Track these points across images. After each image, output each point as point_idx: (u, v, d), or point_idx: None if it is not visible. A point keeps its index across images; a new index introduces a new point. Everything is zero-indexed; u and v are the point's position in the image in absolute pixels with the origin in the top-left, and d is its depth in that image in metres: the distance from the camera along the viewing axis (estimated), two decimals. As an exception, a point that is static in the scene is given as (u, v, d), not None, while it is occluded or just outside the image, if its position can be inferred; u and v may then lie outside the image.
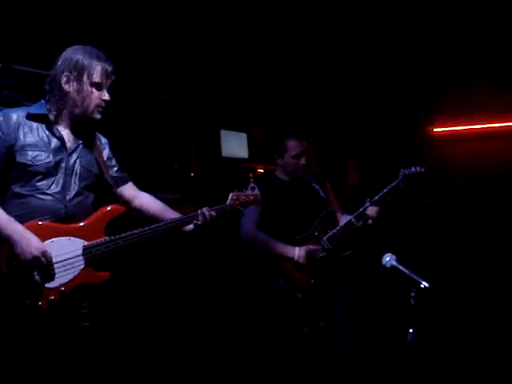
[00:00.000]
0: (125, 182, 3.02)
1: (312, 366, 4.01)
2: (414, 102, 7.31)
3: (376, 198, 3.79)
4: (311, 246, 3.71)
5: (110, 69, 2.71)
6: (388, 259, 3.01)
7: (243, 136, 6.50)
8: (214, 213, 3.00)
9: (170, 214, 2.97)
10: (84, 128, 2.78)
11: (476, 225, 6.22)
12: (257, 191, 3.28)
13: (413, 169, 3.83)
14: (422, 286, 2.73)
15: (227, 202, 3.13)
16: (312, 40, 6.38)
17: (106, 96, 2.71)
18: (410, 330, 2.79)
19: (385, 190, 3.79)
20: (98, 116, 2.73)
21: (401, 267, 2.89)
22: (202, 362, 4.74)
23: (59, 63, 2.68)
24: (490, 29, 6.09)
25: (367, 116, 7.50)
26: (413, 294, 2.81)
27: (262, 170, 6.24)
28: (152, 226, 2.82)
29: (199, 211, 2.96)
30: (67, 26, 4.76)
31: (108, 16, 5.07)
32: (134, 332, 4.78)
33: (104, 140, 2.97)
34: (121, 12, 5.15)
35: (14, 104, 4.15)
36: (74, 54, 2.68)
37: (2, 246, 2.49)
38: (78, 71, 2.63)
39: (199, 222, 2.94)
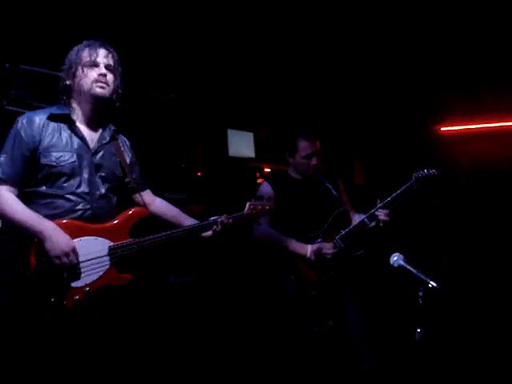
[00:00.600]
0: (143, 189, 3.07)
1: (322, 366, 4.00)
2: (421, 102, 7.30)
3: (388, 199, 3.75)
4: (324, 244, 3.70)
5: (99, 43, 2.77)
6: (396, 259, 3.01)
7: (250, 135, 6.50)
8: (231, 221, 3.07)
9: (184, 219, 3.05)
10: (106, 126, 2.84)
11: (483, 224, 6.21)
12: (272, 202, 3.44)
13: (426, 171, 3.78)
14: (430, 285, 2.73)
15: (244, 211, 3.21)
16: (319, 39, 6.37)
17: (101, 70, 2.72)
18: (418, 330, 2.80)
19: (397, 192, 3.75)
20: (99, 90, 2.71)
21: (408, 267, 2.88)
22: (208, 360, 4.75)
23: (65, 61, 2.77)
24: (496, 30, 6.07)
25: (374, 116, 7.49)
26: (421, 294, 2.80)
27: (268, 170, 6.24)
28: (174, 231, 2.89)
29: (219, 219, 3.02)
30: (74, 26, 4.77)
31: (115, 16, 5.08)
32: (141, 331, 4.78)
33: (128, 143, 3.01)
34: (127, 12, 5.16)
35: (22, 104, 4.18)
36: (76, 48, 2.77)
37: (31, 242, 2.51)
38: (71, 62, 2.71)
39: (218, 229, 3.01)
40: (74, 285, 2.55)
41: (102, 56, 2.76)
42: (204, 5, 5.46)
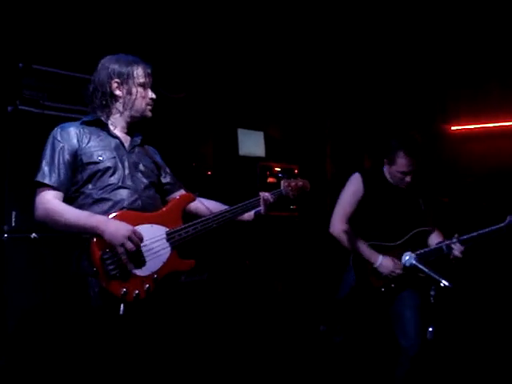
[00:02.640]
0: (178, 189, 3.13)
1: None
2: (430, 101, 7.27)
3: (465, 237, 3.57)
4: (395, 261, 3.57)
5: (148, 70, 2.87)
6: (408, 258, 3.02)
7: (260, 135, 6.49)
8: (274, 197, 3.13)
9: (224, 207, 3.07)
10: (136, 129, 2.93)
11: (493, 223, 6.18)
12: (306, 181, 3.35)
13: None
14: (442, 284, 2.73)
15: (281, 188, 3.24)
16: (328, 38, 6.38)
17: (153, 95, 2.87)
18: (430, 329, 2.80)
19: (479, 232, 3.57)
20: (150, 114, 2.89)
21: (420, 266, 2.89)
22: (218, 359, 4.76)
23: (102, 74, 2.82)
24: (505, 29, 6.04)
25: (383, 115, 7.47)
26: (432, 293, 2.81)
27: (278, 169, 6.24)
28: (223, 211, 2.96)
29: (261, 195, 3.08)
30: (85, 26, 4.79)
31: (126, 16, 5.10)
32: (153, 330, 4.80)
33: (153, 149, 3.09)
34: (138, 12, 5.18)
35: (35, 104, 4.21)
36: (116, 62, 2.82)
37: (89, 240, 2.52)
38: (125, 76, 2.79)
39: (263, 209, 3.07)
40: (141, 273, 2.56)
41: (151, 79, 2.89)
42: (215, 5, 5.47)
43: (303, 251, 6.45)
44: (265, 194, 3.07)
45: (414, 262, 2.97)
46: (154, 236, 2.66)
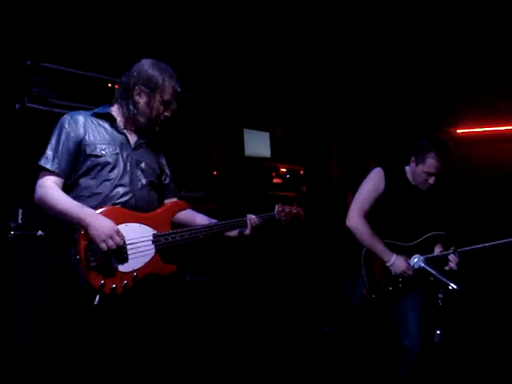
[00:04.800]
0: (172, 196, 3.13)
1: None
2: (436, 104, 7.26)
3: (464, 249, 3.56)
4: (408, 261, 3.56)
5: (179, 90, 2.88)
6: (416, 260, 3.02)
7: (266, 135, 6.49)
8: (261, 220, 3.17)
9: (209, 221, 3.09)
10: (145, 133, 2.94)
11: (500, 226, 6.17)
12: (300, 209, 3.42)
13: None
14: (450, 287, 2.73)
15: (274, 212, 3.28)
16: (335, 40, 6.37)
17: (169, 114, 2.89)
18: (438, 332, 2.80)
19: (482, 246, 3.53)
20: (158, 128, 2.92)
21: (429, 268, 2.89)
22: (223, 358, 4.76)
23: (134, 74, 2.85)
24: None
25: (390, 117, 7.47)
26: (440, 296, 2.81)
27: (284, 170, 6.24)
28: (211, 224, 3.01)
29: (248, 217, 3.11)
30: (94, 25, 4.80)
31: (133, 16, 5.11)
32: (157, 329, 4.80)
33: (160, 149, 3.12)
34: (146, 12, 5.19)
35: (43, 102, 4.21)
36: (150, 69, 2.84)
37: (78, 230, 2.58)
38: (152, 87, 2.81)
39: (247, 230, 3.11)
40: (122, 269, 2.62)
41: (177, 100, 2.90)
42: (221, 5, 5.48)
43: (308, 252, 6.45)
44: (252, 217, 3.11)
45: (422, 264, 2.96)
46: (140, 236, 2.71)
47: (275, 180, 6.14)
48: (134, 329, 2.78)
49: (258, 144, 6.36)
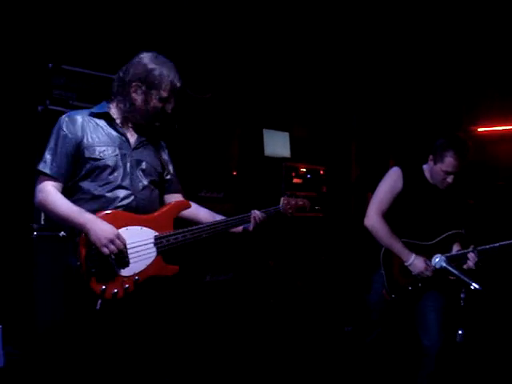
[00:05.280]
0: (174, 191, 3.08)
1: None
2: (457, 103, 7.22)
3: (483, 247, 3.53)
4: (427, 261, 3.51)
5: (178, 85, 2.79)
6: (438, 260, 3.00)
7: (286, 135, 6.50)
8: (265, 215, 3.10)
9: (216, 218, 3.05)
10: (145, 129, 2.88)
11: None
12: (306, 200, 3.34)
13: None
14: (472, 287, 2.71)
15: (279, 206, 3.22)
16: (356, 39, 6.36)
17: (169, 110, 2.81)
18: (460, 332, 2.79)
19: (500, 244, 3.49)
20: (158, 124, 2.85)
21: (451, 268, 2.88)
22: (245, 357, 4.77)
23: (131, 69, 2.77)
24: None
25: (410, 116, 7.43)
26: (463, 296, 2.79)
27: (304, 170, 6.24)
28: (215, 223, 2.95)
29: (252, 213, 3.06)
30: (114, 27, 4.84)
31: (153, 18, 5.14)
32: (178, 328, 4.83)
33: (163, 144, 3.06)
34: (165, 14, 5.21)
35: (64, 104, 4.26)
36: (147, 63, 2.76)
37: (80, 235, 2.56)
38: (148, 84, 2.73)
39: (250, 226, 3.05)
40: (123, 273, 2.60)
41: (176, 94, 2.82)
42: (241, 6, 5.49)
43: (328, 252, 6.45)
44: (256, 213, 3.06)
45: (444, 264, 2.95)
46: (141, 239, 2.68)
47: (295, 180, 6.14)
48: (136, 332, 2.76)
49: (277, 144, 6.37)
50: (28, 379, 3.85)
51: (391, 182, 3.73)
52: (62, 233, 4.01)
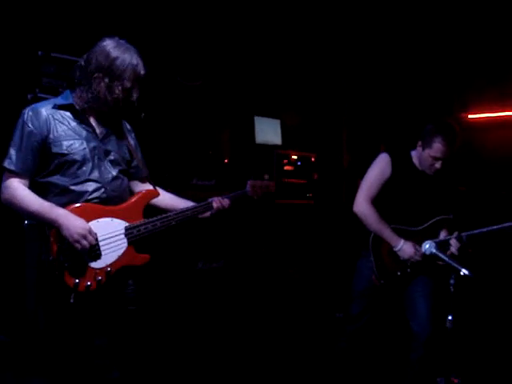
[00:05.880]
0: (141, 178, 3.06)
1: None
2: (448, 89, 7.22)
3: (471, 232, 3.57)
4: (416, 246, 3.56)
5: (142, 73, 2.73)
6: (428, 246, 3.02)
7: (277, 123, 6.49)
8: (227, 201, 3.15)
9: (183, 203, 3.06)
10: (111, 116, 2.84)
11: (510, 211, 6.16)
12: (272, 182, 3.43)
13: None
14: (462, 273, 2.73)
15: (246, 189, 3.31)
16: (345, 26, 6.34)
17: (134, 99, 2.75)
18: (449, 317, 2.81)
19: (487, 229, 3.52)
20: (122, 113, 2.82)
21: (441, 255, 2.89)
22: (236, 345, 4.80)
23: (93, 59, 2.68)
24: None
25: (401, 103, 7.43)
26: (452, 282, 2.81)
27: (295, 157, 6.25)
28: (181, 211, 2.96)
29: (210, 200, 3.09)
30: (104, 14, 4.80)
31: (143, 5, 5.10)
32: (170, 316, 4.84)
33: (129, 127, 3.02)
34: (154, 1, 5.18)
35: (54, 92, 4.23)
36: (109, 52, 2.67)
37: (50, 229, 2.54)
38: (111, 75, 2.66)
39: (213, 211, 3.10)
40: (95, 266, 2.62)
41: (140, 82, 2.76)
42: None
43: (319, 239, 6.46)
44: (215, 199, 3.10)
45: (434, 250, 2.96)
46: (112, 230, 2.69)
47: (286, 167, 6.15)
48: (110, 323, 2.78)
49: (268, 131, 6.36)
50: (19, 366, 3.86)
51: (380, 168, 3.74)
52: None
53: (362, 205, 3.68)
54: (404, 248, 3.57)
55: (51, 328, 2.65)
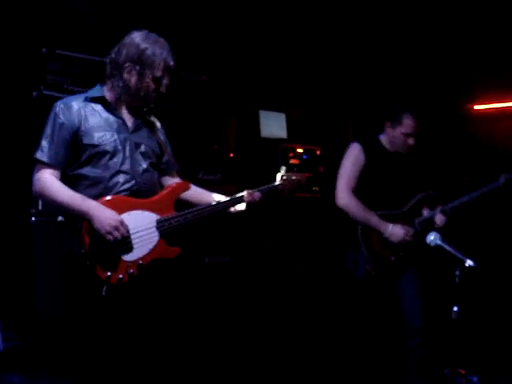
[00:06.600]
0: (172, 170, 3.08)
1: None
2: (453, 80, 7.19)
3: (453, 204, 3.67)
4: (405, 227, 3.63)
5: (171, 63, 2.78)
6: (433, 238, 3.02)
7: (282, 116, 6.48)
8: (259, 194, 3.10)
9: (215, 198, 3.06)
10: (141, 111, 2.87)
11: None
12: (304, 174, 3.38)
13: None
14: (467, 264, 2.73)
15: (276, 183, 3.23)
16: (350, 18, 6.32)
17: (163, 89, 2.79)
18: (455, 309, 2.81)
19: (479, 193, 3.63)
20: (152, 105, 2.84)
21: (446, 246, 2.89)
22: (243, 339, 4.81)
23: (123, 50, 2.74)
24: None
25: (406, 95, 7.41)
26: (457, 273, 2.81)
27: (301, 150, 6.24)
28: (212, 204, 2.96)
29: (246, 192, 3.06)
30: (107, 10, 4.81)
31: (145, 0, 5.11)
32: (177, 311, 4.86)
33: (159, 124, 3.04)
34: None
35: (59, 88, 4.25)
36: (139, 42, 2.73)
37: (82, 222, 2.56)
38: (141, 64, 2.70)
39: (245, 204, 3.07)
40: (127, 258, 2.61)
41: (170, 73, 2.81)
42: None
43: (326, 232, 6.46)
44: (249, 192, 3.07)
45: (439, 242, 2.96)
46: (143, 223, 2.69)
47: (292, 161, 6.13)
48: (142, 316, 2.77)
49: (273, 125, 6.36)
50: (27, 364, 3.89)
51: (354, 157, 3.77)
52: (60, 218, 4.06)
53: (343, 197, 3.71)
54: (393, 232, 3.61)
55: (82, 323, 2.66)
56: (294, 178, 3.28)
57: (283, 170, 3.29)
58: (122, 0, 4.94)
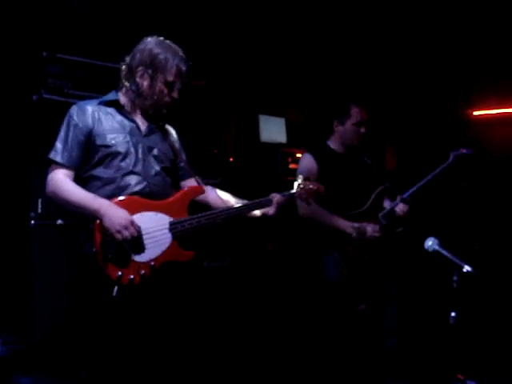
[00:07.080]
0: (188, 178, 3.09)
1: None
2: (453, 86, 7.21)
3: (411, 191, 3.79)
4: (369, 224, 3.68)
5: (184, 69, 2.83)
6: (431, 243, 3.03)
7: (281, 121, 6.49)
8: (284, 199, 3.13)
9: (235, 203, 3.06)
10: (155, 116, 2.90)
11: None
12: (314, 176, 3.47)
13: (463, 150, 3.82)
14: (465, 270, 2.74)
15: (294, 190, 3.22)
16: (350, 23, 6.34)
17: (176, 95, 2.84)
18: (453, 314, 2.82)
19: (435, 172, 3.77)
20: (165, 111, 2.88)
21: (443, 251, 2.90)
22: (242, 343, 4.81)
23: (137, 55, 2.80)
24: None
25: (405, 101, 7.43)
26: (455, 278, 2.82)
27: (300, 155, 6.24)
28: (230, 207, 2.97)
29: (273, 196, 3.08)
30: (109, 14, 4.83)
31: (146, 4, 5.12)
32: (177, 317, 4.85)
33: (174, 131, 3.09)
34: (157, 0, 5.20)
35: (59, 92, 4.26)
36: (152, 47, 2.79)
37: (94, 221, 2.58)
38: (154, 68, 2.75)
39: (272, 210, 3.08)
40: (139, 259, 2.62)
41: (183, 79, 2.86)
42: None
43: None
44: (277, 196, 3.08)
45: (437, 247, 2.97)
46: (156, 224, 2.70)
47: (291, 165, 6.13)
48: (152, 318, 2.78)
49: (273, 130, 6.36)
50: (27, 367, 3.89)
51: (306, 166, 3.88)
52: (60, 221, 4.07)
53: (305, 207, 3.71)
54: (360, 231, 3.65)
55: (92, 324, 2.67)
56: (311, 186, 3.24)
57: (300, 178, 3.25)
58: (123, 4, 4.93)
